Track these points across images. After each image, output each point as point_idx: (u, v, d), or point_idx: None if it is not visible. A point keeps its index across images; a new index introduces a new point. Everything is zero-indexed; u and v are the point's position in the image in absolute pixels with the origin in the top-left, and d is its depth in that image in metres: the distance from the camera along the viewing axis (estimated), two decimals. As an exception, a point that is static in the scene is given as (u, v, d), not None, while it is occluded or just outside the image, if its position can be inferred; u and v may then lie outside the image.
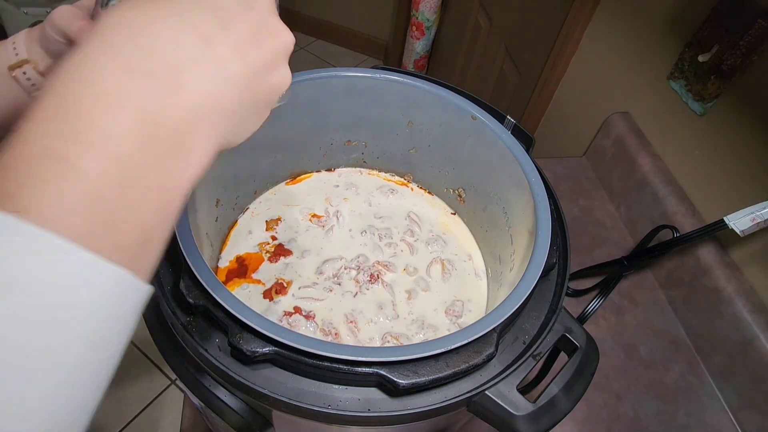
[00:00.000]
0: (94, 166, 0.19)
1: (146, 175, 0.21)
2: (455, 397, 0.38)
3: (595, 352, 0.43)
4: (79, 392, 0.20)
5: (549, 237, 0.45)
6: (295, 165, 0.66)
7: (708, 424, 0.66)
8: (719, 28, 0.68)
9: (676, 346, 0.73)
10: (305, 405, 0.37)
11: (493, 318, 0.39)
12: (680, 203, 0.76)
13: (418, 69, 2.08)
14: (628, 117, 0.88)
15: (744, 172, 0.69)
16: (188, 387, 0.40)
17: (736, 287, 0.66)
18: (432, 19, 1.90)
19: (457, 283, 0.59)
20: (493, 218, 0.58)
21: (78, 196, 0.19)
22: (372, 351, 0.38)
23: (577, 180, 0.93)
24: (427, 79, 0.57)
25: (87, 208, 0.19)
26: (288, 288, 0.56)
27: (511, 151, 0.52)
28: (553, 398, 0.40)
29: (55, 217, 0.18)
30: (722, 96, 0.70)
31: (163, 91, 0.22)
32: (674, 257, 0.76)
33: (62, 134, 0.19)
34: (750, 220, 0.61)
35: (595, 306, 0.69)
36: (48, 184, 0.19)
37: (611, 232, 0.86)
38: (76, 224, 0.19)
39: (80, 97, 0.20)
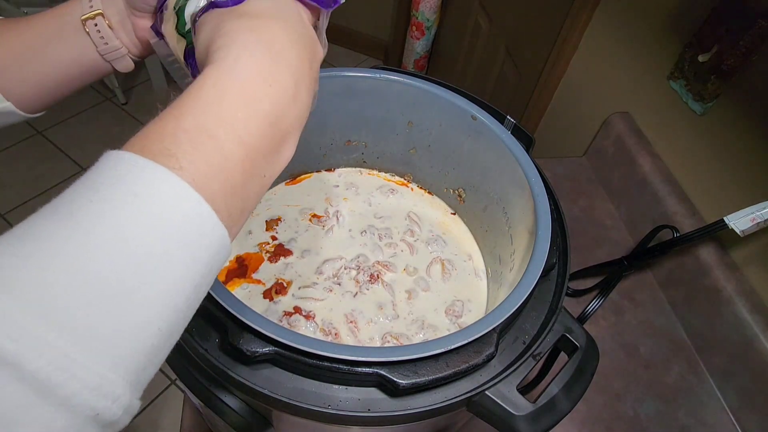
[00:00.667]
0: (232, 147, 0.25)
1: (259, 162, 0.27)
2: (455, 397, 0.38)
3: (595, 352, 0.43)
4: (178, 320, 0.23)
5: (549, 237, 0.45)
6: (295, 165, 0.66)
7: (708, 424, 0.66)
8: (719, 28, 0.68)
9: (676, 346, 0.73)
10: (305, 405, 0.37)
11: (493, 318, 0.39)
12: (680, 203, 0.76)
13: (418, 69, 2.08)
14: (628, 117, 0.88)
15: (744, 172, 0.69)
16: (188, 387, 0.40)
17: (736, 287, 0.66)
18: (432, 19, 1.90)
19: (457, 283, 0.59)
20: (493, 218, 0.58)
21: (217, 168, 0.24)
22: (372, 351, 0.38)
23: (577, 180, 0.93)
24: (427, 79, 0.57)
25: (221, 178, 0.24)
26: (288, 288, 0.56)
27: (511, 151, 0.52)
28: (553, 398, 0.40)
29: (200, 180, 0.23)
30: (722, 96, 0.70)
31: (286, 99, 0.27)
32: (674, 257, 0.76)
33: (215, 117, 0.25)
34: (750, 220, 0.61)
35: (595, 306, 0.69)
36: (200, 152, 0.24)
37: (611, 232, 0.86)
38: (212, 189, 0.24)
39: (230, 92, 0.26)
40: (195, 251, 0.23)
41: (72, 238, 0.21)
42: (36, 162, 1.98)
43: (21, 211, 1.81)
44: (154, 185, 0.22)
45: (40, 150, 2.02)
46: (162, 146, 0.23)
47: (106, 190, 0.22)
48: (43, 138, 2.06)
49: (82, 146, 2.04)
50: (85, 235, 0.21)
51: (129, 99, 2.24)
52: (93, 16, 0.41)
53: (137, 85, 2.31)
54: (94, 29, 0.42)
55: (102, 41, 0.42)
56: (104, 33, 0.42)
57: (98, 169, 0.23)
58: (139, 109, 2.21)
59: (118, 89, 2.17)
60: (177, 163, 0.23)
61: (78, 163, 1.98)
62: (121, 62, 0.45)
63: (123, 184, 0.22)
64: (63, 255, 0.20)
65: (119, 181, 0.22)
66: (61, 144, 2.05)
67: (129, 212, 0.22)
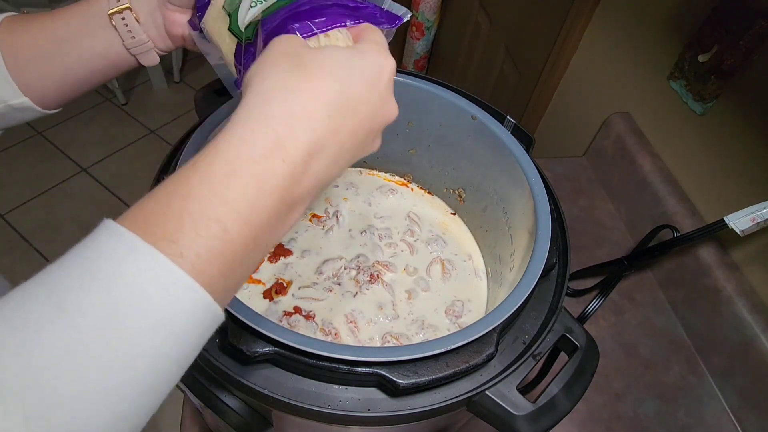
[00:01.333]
0: (237, 230, 0.25)
1: (263, 237, 0.26)
2: (455, 397, 0.38)
3: (595, 352, 0.43)
4: (150, 394, 0.23)
5: (549, 237, 0.45)
6: (295, 165, 0.66)
7: (708, 424, 0.66)
8: (719, 28, 0.68)
9: (676, 346, 0.73)
10: (305, 405, 0.37)
11: (493, 318, 0.39)
12: (680, 203, 0.76)
13: (418, 69, 2.08)
14: (628, 117, 0.88)
15: (744, 172, 0.69)
16: (188, 387, 0.40)
17: (736, 287, 0.66)
18: (432, 19, 1.90)
19: (457, 283, 0.59)
20: (493, 218, 0.58)
21: (219, 252, 0.24)
22: (372, 351, 0.38)
23: (577, 180, 0.93)
24: (427, 79, 0.57)
25: (221, 260, 0.24)
26: (288, 288, 0.56)
27: (511, 151, 0.52)
28: (553, 398, 0.40)
29: (199, 267, 0.23)
30: (722, 96, 0.70)
31: (297, 176, 0.27)
32: (674, 257, 0.76)
33: (222, 200, 0.24)
34: (750, 220, 0.61)
35: (595, 306, 0.69)
36: (202, 239, 0.24)
37: (611, 232, 0.86)
38: (210, 273, 0.24)
39: (241, 172, 0.25)
40: (185, 334, 0.24)
41: (59, 325, 0.21)
42: (36, 162, 1.98)
43: (21, 211, 1.81)
44: (152, 273, 0.22)
45: (40, 150, 2.02)
46: (165, 230, 0.23)
47: (101, 276, 0.22)
48: (43, 138, 2.06)
49: (82, 146, 2.04)
50: (73, 321, 0.21)
51: (129, 99, 2.24)
52: (120, 10, 0.41)
53: (137, 86, 2.31)
54: (121, 23, 0.42)
55: (129, 35, 0.42)
56: (132, 26, 0.42)
57: (96, 244, 0.23)
58: (139, 110, 2.21)
59: (118, 90, 2.17)
60: (177, 250, 0.23)
61: (78, 163, 1.99)
62: (147, 56, 0.45)
63: (120, 270, 0.22)
64: (47, 343, 0.21)
65: (116, 266, 0.22)
66: (61, 144, 2.05)
67: (122, 301, 0.22)
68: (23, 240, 1.74)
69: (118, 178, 1.95)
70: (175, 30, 0.44)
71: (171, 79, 2.34)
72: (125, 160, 2.02)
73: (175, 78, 2.34)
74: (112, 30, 0.42)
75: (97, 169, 1.98)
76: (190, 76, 2.40)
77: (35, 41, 0.41)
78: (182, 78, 2.37)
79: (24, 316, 0.21)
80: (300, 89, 0.27)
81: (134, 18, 0.42)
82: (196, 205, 0.24)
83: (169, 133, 2.12)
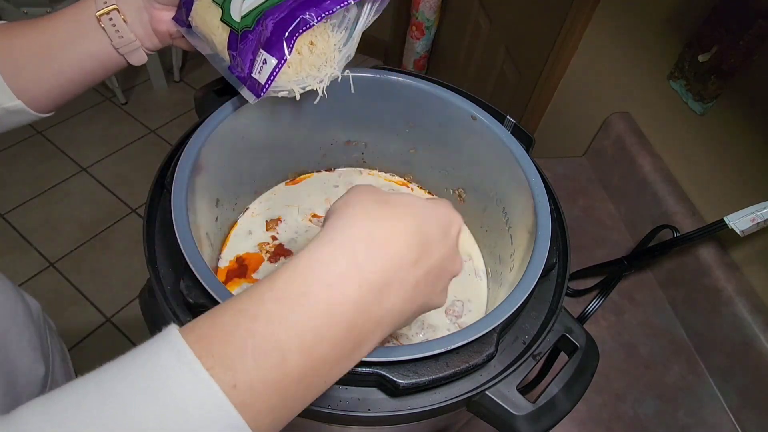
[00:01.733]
0: (297, 360, 0.24)
1: (323, 371, 0.26)
2: (455, 397, 0.38)
3: (595, 352, 0.43)
4: None
5: (549, 237, 0.45)
6: (295, 165, 0.66)
7: (708, 424, 0.66)
8: (719, 28, 0.68)
9: (676, 346, 0.73)
10: (305, 405, 0.37)
11: (493, 318, 0.39)
12: (680, 203, 0.76)
13: (418, 69, 2.08)
14: (628, 117, 0.88)
15: (744, 172, 0.69)
16: (188, 387, 0.40)
17: (736, 287, 0.66)
18: (432, 19, 1.90)
19: (457, 283, 0.59)
20: (493, 218, 0.58)
21: (273, 385, 0.24)
22: (372, 351, 0.38)
23: (577, 180, 0.93)
24: (427, 79, 0.57)
25: (274, 394, 0.24)
26: (288, 288, 0.56)
27: (511, 151, 0.52)
28: (553, 398, 0.40)
29: (250, 401, 0.23)
30: (722, 96, 0.70)
31: (369, 305, 0.26)
32: (674, 257, 0.76)
33: (288, 326, 0.24)
34: (750, 220, 0.61)
35: (595, 306, 0.69)
36: (260, 369, 0.23)
37: (611, 232, 0.86)
38: (258, 408, 0.23)
39: (313, 296, 0.25)
40: None
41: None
42: (36, 162, 1.98)
43: (21, 211, 1.81)
44: (200, 401, 0.22)
45: (40, 150, 2.02)
46: (225, 353, 0.23)
47: (154, 387, 0.22)
48: (43, 138, 2.06)
49: (82, 146, 2.04)
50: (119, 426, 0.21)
51: (129, 99, 2.24)
52: (108, 11, 0.43)
53: (137, 85, 2.31)
54: (109, 23, 0.43)
55: (117, 34, 0.44)
56: (119, 26, 0.43)
57: (157, 358, 0.23)
58: (139, 109, 2.21)
59: (118, 89, 2.17)
60: (233, 379, 0.23)
61: (78, 163, 1.99)
62: (135, 55, 0.46)
63: (172, 390, 0.22)
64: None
65: (170, 384, 0.22)
66: (61, 144, 2.05)
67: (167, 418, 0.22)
68: (23, 240, 1.74)
69: (118, 178, 1.95)
70: (161, 27, 0.45)
71: (171, 78, 2.34)
72: (125, 159, 2.02)
73: (175, 77, 2.34)
74: (101, 31, 0.43)
75: (97, 168, 1.98)
76: (190, 75, 2.40)
77: (28, 46, 0.43)
78: (182, 77, 2.38)
79: (74, 416, 0.21)
80: (383, 218, 0.28)
81: (122, 18, 0.43)
82: (262, 328, 0.24)
83: (169, 132, 2.12)
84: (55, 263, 1.69)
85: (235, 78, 0.42)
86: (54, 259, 1.70)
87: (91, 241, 1.74)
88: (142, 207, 1.85)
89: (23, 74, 0.43)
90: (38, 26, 0.43)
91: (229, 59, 0.42)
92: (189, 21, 0.43)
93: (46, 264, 1.69)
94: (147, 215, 0.45)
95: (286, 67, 0.41)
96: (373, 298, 0.27)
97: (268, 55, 0.39)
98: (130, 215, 1.84)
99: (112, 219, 1.81)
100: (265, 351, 0.24)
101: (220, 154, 0.51)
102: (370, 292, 0.26)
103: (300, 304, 0.25)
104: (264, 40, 0.39)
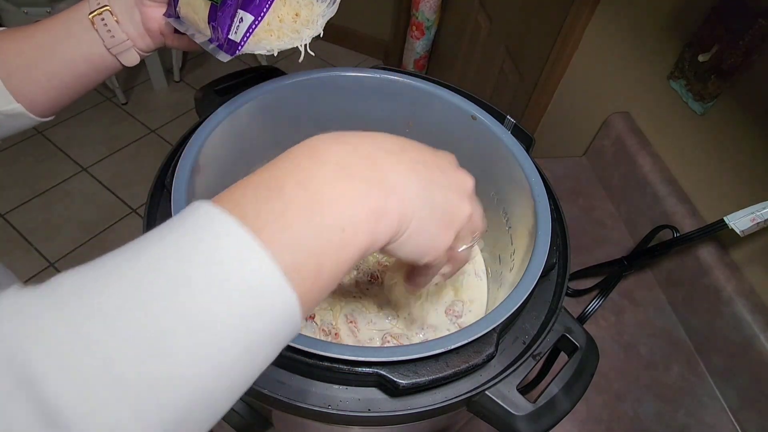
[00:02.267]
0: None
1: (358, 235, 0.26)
2: (455, 397, 0.38)
3: (595, 352, 0.43)
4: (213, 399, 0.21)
5: (549, 237, 0.45)
6: (295, 165, 0.66)
7: (708, 424, 0.66)
8: (719, 28, 0.68)
9: (676, 346, 0.73)
10: (305, 405, 0.37)
11: (493, 318, 0.39)
12: (680, 203, 0.76)
13: (418, 69, 2.08)
14: (628, 117, 0.88)
15: (744, 172, 0.69)
16: (188, 387, 0.40)
17: (736, 287, 0.66)
18: (432, 19, 1.90)
19: (457, 284, 0.59)
20: (493, 218, 0.58)
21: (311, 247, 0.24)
22: (372, 351, 0.38)
23: (577, 180, 0.93)
24: (427, 79, 0.57)
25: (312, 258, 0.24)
26: (288, 288, 0.56)
27: (511, 151, 0.52)
28: (553, 398, 0.40)
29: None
30: (722, 96, 0.70)
31: (379, 193, 0.27)
32: (674, 257, 0.76)
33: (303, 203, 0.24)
34: (750, 220, 0.61)
35: (595, 306, 0.69)
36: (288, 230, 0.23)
37: (611, 232, 0.86)
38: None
39: (324, 193, 0.25)
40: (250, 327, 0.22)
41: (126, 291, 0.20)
42: (36, 162, 1.98)
43: (21, 211, 1.81)
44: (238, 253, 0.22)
45: (40, 150, 2.02)
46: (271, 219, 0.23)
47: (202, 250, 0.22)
48: (43, 138, 2.06)
49: (82, 146, 2.04)
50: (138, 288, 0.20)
51: (129, 99, 2.24)
52: (100, 12, 0.43)
53: (137, 85, 2.31)
54: (101, 24, 0.43)
55: (109, 35, 0.44)
56: (111, 27, 0.44)
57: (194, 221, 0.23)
58: (139, 109, 2.21)
59: (118, 89, 2.17)
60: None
61: (78, 163, 1.99)
62: (127, 55, 0.46)
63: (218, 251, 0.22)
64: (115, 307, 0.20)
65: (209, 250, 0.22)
66: (61, 144, 2.05)
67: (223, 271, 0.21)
68: (23, 240, 1.74)
69: (118, 178, 1.95)
70: (153, 25, 0.45)
71: (171, 78, 2.34)
72: (125, 159, 2.02)
73: (175, 77, 2.34)
74: (93, 32, 0.44)
75: (97, 168, 1.98)
76: (190, 75, 2.40)
77: (21, 49, 0.43)
78: (182, 77, 2.37)
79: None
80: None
81: (114, 19, 0.44)
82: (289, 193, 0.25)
83: (169, 132, 2.12)
84: (55, 263, 1.69)
85: (216, 48, 0.42)
86: (54, 259, 1.70)
87: (91, 241, 1.74)
88: (142, 207, 1.85)
89: (17, 76, 0.43)
90: (31, 30, 0.44)
91: (211, 32, 0.42)
92: (177, 11, 0.43)
93: (46, 264, 1.69)
94: (147, 215, 0.45)
95: (268, 34, 0.41)
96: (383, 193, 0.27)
97: (245, 13, 0.39)
98: (130, 215, 1.84)
99: (112, 219, 1.81)
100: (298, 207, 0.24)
101: (220, 154, 0.51)
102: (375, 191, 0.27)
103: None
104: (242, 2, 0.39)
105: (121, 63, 0.47)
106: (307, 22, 0.42)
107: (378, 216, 0.26)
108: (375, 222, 0.26)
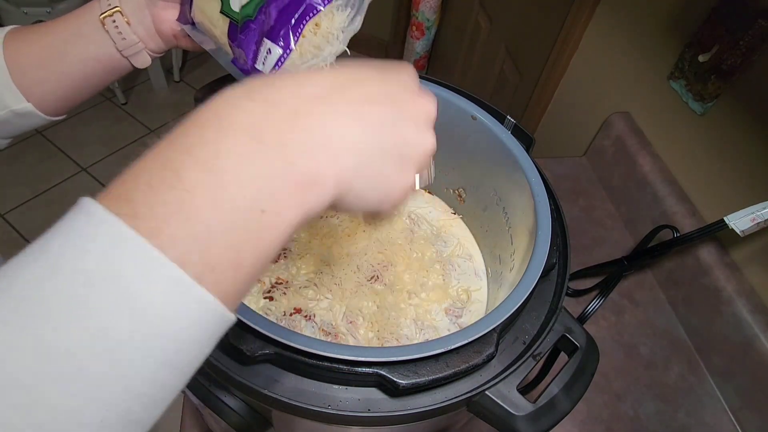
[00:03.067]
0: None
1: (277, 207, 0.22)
2: (455, 397, 0.38)
3: (595, 352, 0.43)
4: (139, 407, 0.20)
5: (549, 237, 0.45)
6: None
7: (708, 424, 0.66)
8: (719, 28, 0.68)
9: (676, 346, 0.73)
10: (305, 405, 0.37)
11: (493, 318, 0.39)
12: (680, 203, 0.76)
13: (418, 69, 2.08)
14: (628, 117, 0.88)
15: (744, 172, 0.69)
16: (188, 387, 0.40)
17: (736, 287, 0.66)
18: (432, 19, 1.91)
19: (457, 284, 0.59)
20: (493, 218, 0.58)
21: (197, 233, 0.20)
22: (372, 351, 0.38)
23: (577, 180, 0.93)
24: (427, 79, 0.57)
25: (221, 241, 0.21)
26: (288, 288, 0.56)
27: (511, 151, 0.52)
28: (553, 398, 0.40)
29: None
30: (722, 96, 0.70)
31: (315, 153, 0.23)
32: (674, 257, 0.76)
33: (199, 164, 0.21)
34: (750, 220, 0.61)
35: (595, 306, 0.69)
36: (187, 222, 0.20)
37: (611, 232, 0.86)
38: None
39: (232, 172, 0.21)
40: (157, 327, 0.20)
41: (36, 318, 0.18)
42: (36, 162, 1.98)
43: (21, 211, 1.81)
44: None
45: (40, 150, 2.02)
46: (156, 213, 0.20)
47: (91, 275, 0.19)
48: (43, 138, 2.06)
49: (82, 146, 2.04)
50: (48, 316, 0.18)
51: (129, 99, 2.24)
52: (111, 13, 0.43)
53: (137, 85, 2.31)
54: (112, 26, 0.43)
55: (120, 36, 0.44)
56: (122, 28, 0.43)
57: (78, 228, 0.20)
58: (139, 109, 2.21)
59: (118, 89, 2.17)
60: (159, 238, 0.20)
61: (78, 163, 1.99)
62: (139, 57, 0.46)
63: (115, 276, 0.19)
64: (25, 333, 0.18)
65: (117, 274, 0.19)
66: (61, 144, 2.05)
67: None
68: (23, 240, 1.74)
69: (118, 178, 1.95)
70: (164, 27, 0.45)
71: (171, 78, 2.34)
72: (125, 159, 2.01)
73: (175, 77, 2.34)
74: (104, 34, 0.43)
75: (97, 168, 1.98)
76: (190, 75, 2.40)
77: (32, 49, 0.43)
78: (182, 77, 2.37)
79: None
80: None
81: (125, 21, 0.43)
82: (188, 170, 0.21)
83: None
84: (55, 263, 1.69)
85: (238, 71, 0.42)
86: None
87: (91, 241, 1.74)
88: (142, 207, 1.84)
89: (28, 75, 0.43)
90: (42, 29, 0.43)
91: (231, 52, 0.42)
92: (192, 17, 0.43)
93: (46, 264, 1.69)
94: (147, 215, 0.45)
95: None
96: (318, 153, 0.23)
97: (272, 44, 0.38)
98: (130, 215, 1.84)
99: (112, 219, 1.81)
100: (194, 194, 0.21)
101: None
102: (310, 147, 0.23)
103: None
104: (267, 29, 0.38)
105: (132, 64, 0.47)
106: (328, 35, 0.41)
107: (306, 185, 0.23)
108: (303, 193, 0.23)
